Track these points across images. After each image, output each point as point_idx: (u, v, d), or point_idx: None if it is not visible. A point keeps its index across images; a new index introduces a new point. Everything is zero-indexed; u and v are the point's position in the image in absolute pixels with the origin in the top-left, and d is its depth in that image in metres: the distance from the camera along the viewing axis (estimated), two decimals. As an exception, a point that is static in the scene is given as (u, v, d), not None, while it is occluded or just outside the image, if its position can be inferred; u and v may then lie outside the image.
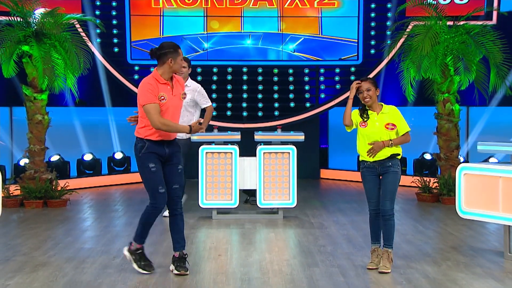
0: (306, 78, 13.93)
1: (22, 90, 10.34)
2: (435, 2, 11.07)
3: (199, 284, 5.87)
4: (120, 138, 13.69)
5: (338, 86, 13.85)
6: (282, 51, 13.78)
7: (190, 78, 9.19)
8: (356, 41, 13.71)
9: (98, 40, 13.36)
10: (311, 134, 12.99)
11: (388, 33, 12.95)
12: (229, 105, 13.73)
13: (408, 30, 11.19)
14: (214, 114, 13.46)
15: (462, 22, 10.58)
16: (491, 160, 11.81)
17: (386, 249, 6.22)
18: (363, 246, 7.23)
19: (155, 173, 6.09)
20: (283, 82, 13.82)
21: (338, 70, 13.85)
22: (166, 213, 8.68)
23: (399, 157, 6.23)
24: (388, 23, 13.54)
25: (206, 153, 8.91)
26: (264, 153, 8.90)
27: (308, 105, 13.84)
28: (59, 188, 10.25)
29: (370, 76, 13.27)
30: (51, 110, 10.62)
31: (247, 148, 9.34)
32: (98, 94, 13.76)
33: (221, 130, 9.58)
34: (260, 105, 13.77)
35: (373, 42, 13.73)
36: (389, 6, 13.60)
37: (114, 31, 13.67)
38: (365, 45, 13.76)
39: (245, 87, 13.79)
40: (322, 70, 13.89)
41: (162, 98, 6.07)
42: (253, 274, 6.19)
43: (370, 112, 6.26)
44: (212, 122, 12.34)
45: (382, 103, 6.31)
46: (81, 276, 6.10)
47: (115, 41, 13.70)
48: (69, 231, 8.28)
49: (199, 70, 13.72)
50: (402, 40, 11.17)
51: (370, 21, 13.79)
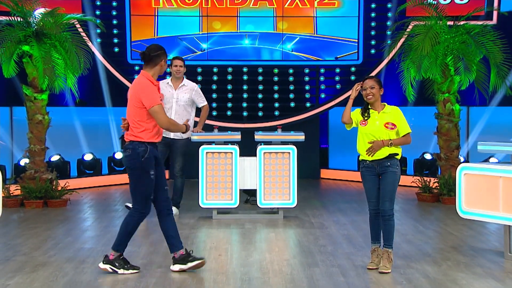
0: (306, 78, 13.92)
1: (22, 90, 10.34)
2: (435, 2, 11.06)
3: (200, 284, 5.87)
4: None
5: (338, 86, 13.84)
6: (283, 51, 13.76)
7: (185, 77, 9.32)
8: (351, 40, 13.68)
9: (98, 40, 13.35)
10: (311, 134, 12.98)
11: (388, 33, 12.95)
12: (229, 105, 13.72)
13: (408, 30, 11.19)
14: (214, 114, 13.52)
15: (462, 22, 10.58)
16: (492, 160, 11.81)
17: (386, 249, 6.21)
18: (363, 246, 7.23)
19: (153, 180, 6.15)
20: (283, 82, 13.81)
21: (338, 70, 13.83)
22: None
23: (398, 157, 6.22)
24: (388, 23, 13.53)
25: (207, 153, 8.91)
26: (264, 153, 8.90)
27: (308, 105, 13.84)
28: (59, 188, 10.25)
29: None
30: (52, 110, 10.62)
31: (248, 148, 9.34)
32: (98, 94, 13.75)
33: (221, 130, 9.57)
34: (260, 105, 13.76)
35: (373, 42, 13.72)
36: (389, 6, 13.60)
37: (114, 31, 13.66)
38: (365, 45, 13.75)
39: (245, 87, 13.78)
40: (322, 70, 13.88)
41: (161, 99, 6.14)
42: (253, 274, 6.19)
43: (371, 111, 6.26)
44: (212, 122, 12.35)
45: (385, 103, 6.30)
46: (81, 276, 6.10)
47: (115, 41, 13.69)
48: (69, 231, 8.28)
49: (200, 70, 13.72)
50: (402, 40, 11.17)
51: (371, 21, 13.77)
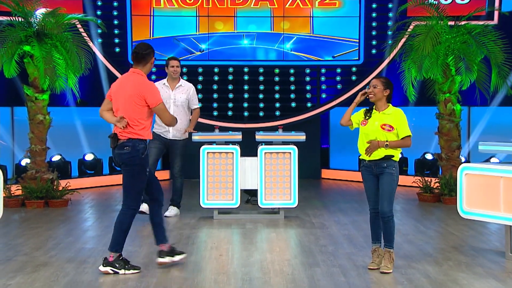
0: (307, 78, 13.91)
1: (23, 90, 10.34)
2: (437, 2, 11.07)
3: (200, 284, 5.87)
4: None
5: (339, 86, 13.83)
6: (283, 51, 13.76)
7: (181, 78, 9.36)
8: (349, 39, 13.68)
9: (99, 40, 13.35)
10: (312, 134, 12.99)
11: (389, 33, 12.95)
12: (230, 105, 13.72)
13: (409, 30, 11.19)
14: (215, 114, 13.52)
15: (463, 22, 10.57)
16: (493, 160, 11.80)
17: (387, 249, 6.21)
18: (364, 246, 7.23)
19: (147, 176, 6.24)
20: (284, 82, 13.80)
21: (339, 70, 13.83)
22: (145, 208, 8.52)
23: (396, 158, 6.17)
24: (389, 23, 13.53)
25: (208, 153, 8.91)
26: (265, 153, 8.90)
27: (309, 105, 13.83)
28: (60, 188, 10.25)
29: (371, 76, 13.29)
30: (53, 110, 10.62)
31: (249, 148, 9.34)
32: (99, 94, 13.71)
33: (222, 130, 9.57)
34: (261, 105, 13.75)
35: (374, 42, 13.71)
36: (390, 6, 13.59)
37: (115, 31, 13.66)
38: (366, 45, 13.74)
39: (246, 87, 13.78)
40: (323, 70, 13.88)
41: None
42: (254, 274, 6.19)
43: (374, 111, 6.25)
44: (213, 122, 12.36)
45: (390, 105, 6.24)
46: (82, 276, 6.10)
47: (116, 41, 13.69)
48: (70, 231, 8.29)
49: (200, 70, 13.71)
50: (403, 40, 11.17)
51: (372, 21, 13.77)
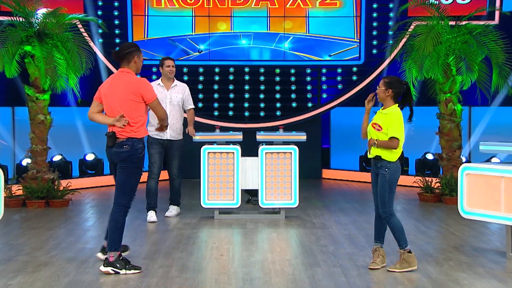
0: (308, 78, 13.91)
1: (24, 90, 10.34)
2: (437, 2, 11.06)
3: (201, 283, 5.87)
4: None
5: (340, 86, 13.83)
6: (284, 51, 13.76)
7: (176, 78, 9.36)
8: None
9: (100, 40, 13.35)
10: (313, 134, 12.99)
11: (390, 33, 12.93)
12: (231, 105, 13.71)
13: (410, 30, 11.20)
14: (216, 114, 13.52)
15: (464, 22, 10.57)
16: (493, 160, 11.80)
17: (399, 250, 6.22)
18: (365, 246, 7.23)
19: (141, 176, 6.32)
20: (285, 82, 13.79)
21: (340, 70, 13.82)
22: (155, 218, 8.73)
23: (390, 159, 6.13)
24: (390, 23, 13.52)
25: (208, 153, 8.90)
26: (266, 153, 8.90)
27: (310, 105, 13.83)
28: (61, 188, 10.25)
29: (371, 76, 13.31)
30: (53, 110, 10.62)
31: (249, 148, 9.34)
32: (100, 94, 13.74)
33: (223, 130, 9.57)
34: (262, 105, 13.75)
35: (375, 42, 13.71)
36: (391, 6, 13.58)
37: (116, 31, 13.66)
38: (367, 45, 13.74)
39: (247, 87, 13.77)
40: (324, 70, 13.87)
41: None
42: (255, 274, 6.19)
43: (379, 110, 6.35)
44: (214, 122, 12.36)
45: (395, 105, 6.22)
46: (83, 276, 6.10)
47: (117, 41, 13.67)
48: (71, 231, 8.29)
49: (201, 70, 13.71)
50: (404, 40, 11.18)
51: (372, 21, 13.76)
